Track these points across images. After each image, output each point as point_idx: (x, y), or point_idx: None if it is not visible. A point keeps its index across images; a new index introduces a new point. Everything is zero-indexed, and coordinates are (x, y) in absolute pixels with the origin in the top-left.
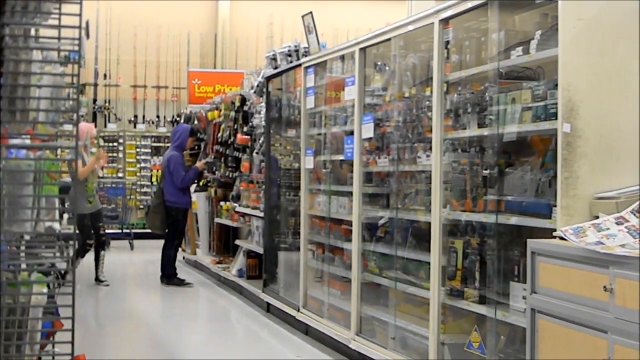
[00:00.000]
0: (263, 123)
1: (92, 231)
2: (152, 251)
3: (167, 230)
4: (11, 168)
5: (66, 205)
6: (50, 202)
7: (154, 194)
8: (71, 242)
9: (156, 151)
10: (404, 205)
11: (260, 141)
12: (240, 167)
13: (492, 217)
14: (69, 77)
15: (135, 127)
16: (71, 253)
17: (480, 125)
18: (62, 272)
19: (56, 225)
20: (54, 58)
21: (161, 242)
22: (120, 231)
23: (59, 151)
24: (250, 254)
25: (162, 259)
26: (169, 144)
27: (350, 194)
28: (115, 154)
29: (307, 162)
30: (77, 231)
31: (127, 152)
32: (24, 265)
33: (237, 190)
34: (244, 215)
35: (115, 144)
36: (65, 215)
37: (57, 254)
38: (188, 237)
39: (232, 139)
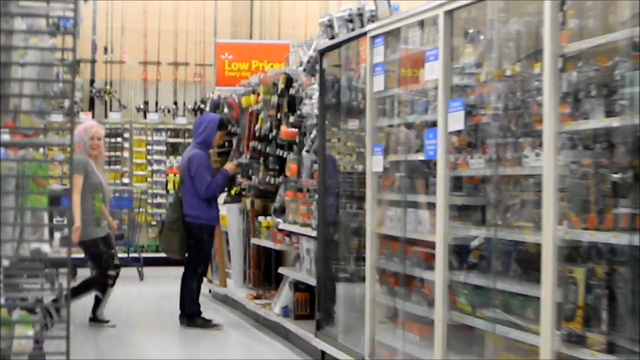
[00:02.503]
0: (316, 111)
1: (112, 259)
2: (168, 282)
3: (187, 255)
4: None
5: (56, 221)
6: (37, 217)
7: (170, 206)
8: (63, 270)
9: (173, 149)
10: (505, 221)
11: (312, 135)
12: (285, 170)
13: (624, 238)
14: (59, 52)
15: (145, 117)
16: (64, 284)
17: (608, 114)
18: (52, 309)
19: (45, 248)
20: (41, 27)
21: (180, 270)
22: (126, 255)
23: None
24: (298, 286)
25: (181, 292)
26: (190, 140)
27: (432, 205)
28: (118, 153)
29: (375, 163)
30: (92, 262)
31: (135, 151)
32: (2, 300)
33: (280, 201)
34: (290, 234)
35: (118, 139)
36: (57, 234)
37: (46, 286)
38: (215, 264)
39: (274, 132)
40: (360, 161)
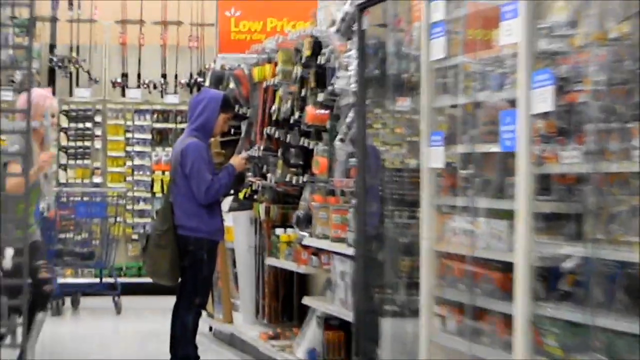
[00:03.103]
0: (353, 87)
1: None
2: (154, 317)
3: (181, 281)
4: None
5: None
6: None
7: (158, 214)
8: (17, 300)
9: (161, 138)
10: (609, 235)
11: (348, 120)
12: (311, 166)
13: None
14: (9, 7)
15: (123, 94)
16: (18, 319)
17: None
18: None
19: None
20: None
21: (171, 300)
22: (97, 281)
23: None
24: (329, 322)
25: (172, 331)
26: (184, 125)
27: (510, 214)
28: (87, 144)
29: (433, 156)
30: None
31: (110, 140)
32: None
33: (305, 207)
34: (318, 252)
35: (87, 124)
36: (8, 250)
37: None
38: (218, 293)
39: (296, 115)
40: (413, 154)
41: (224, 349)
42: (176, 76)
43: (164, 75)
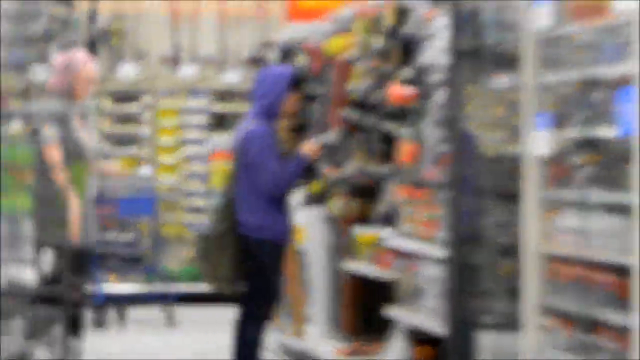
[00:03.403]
0: (444, 61)
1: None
2: (212, 330)
3: (244, 288)
4: None
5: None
6: (13, 229)
7: (216, 211)
8: (56, 312)
9: (219, 122)
10: None
11: (439, 99)
12: (395, 153)
13: None
14: None
15: (175, 72)
16: (58, 331)
17: None
18: None
19: (26, 275)
20: None
21: (232, 311)
22: (146, 288)
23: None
24: (417, 335)
25: (234, 346)
26: (246, 107)
27: (628, 209)
28: (133, 129)
29: (538, 141)
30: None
31: (159, 125)
32: None
33: (388, 202)
34: (403, 254)
35: (133, 107)
36: (48, 256)
37: (25, 330)
38: (288, 302)
39: (378, 94)
40: (515, 139)
41: None
42: (237, 50)
43: (222, 50)
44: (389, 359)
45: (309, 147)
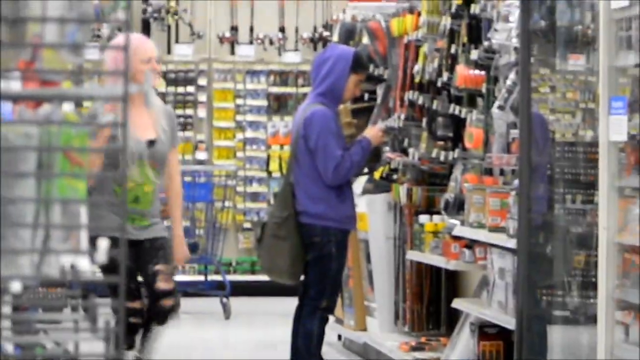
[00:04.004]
0: (514, 42)
1: (136, 283)
2: (270, 322)
3: (304, 279)
4: None
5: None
6: (70, 214)
7: (276, 198)
8: (113, 301)
9: (279, 105)
10: None
11: (509, 82)
12: (463, 138)
13: None
14: None
15: (233, 52)
16: (113, 323)
17: None
18: None
19: (83, 263)
20: None
21: (291, 303)
22: (201, 278)
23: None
24: (485, 330)
25: (293, 339)
26: (306, 89)
27: None
28: (189, 112)
29: (614, 127)
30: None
31: (217, 107)
32: (9, 349)
33: (456, 189)
34: (472, 245)
35: (189, 89)
36: (103, 242)
37: (83, 325)
38: (349, 294)
39: (445, 77)
40: (589, 124)
41: None
42: (297, 30)
43: (282, 29)
44: (455, 354)
45: (373, 132)
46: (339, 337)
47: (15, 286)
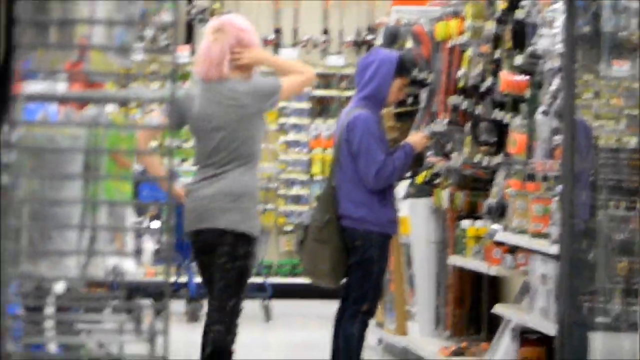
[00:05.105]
0: (559, 48)
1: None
2: (311, 325)
3: (346, 283)
4: (35, 143)
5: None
6: (116, 216)
7: (318, 201)
8: (160, 303)
9: (322, 108)
10: None
11: (553, 88)
12: (506, 143)
13: None
14: None
15: (276, 54)
16: (159, 325)
17: None
18: None
19: (128, 265)
20: None
21: (332, 306)
22: None
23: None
24: (527, 335)
25: (334, 343)
26: (350, 93)
27: None
28: None
29: None
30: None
31: None
32: (54, 348)
33: (499, 195)
34: (513, 250)
35: None
36: (148, 245)
37: (127, 326)
38: (390, 298)
39: (488, 82)
40: (633, 130)
41: None
42: (341, 33)
43: (325, 32)
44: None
45: (417, 138)
46: (380, 341)
47: (59, 287)
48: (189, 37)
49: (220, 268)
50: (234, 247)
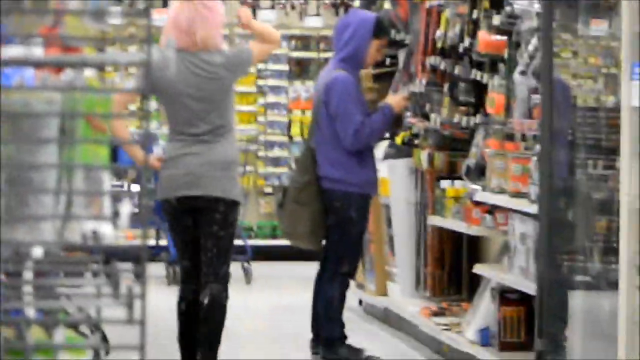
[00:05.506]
0: (537, 7)
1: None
2: (291, 287)
3: (325, 244)
4: (12, 109)
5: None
6: (92, 180)
7: (297, 163)
8: (136, 267)
9: (300, 70)
10: None
11: (531, 48)
12: (484, 103)
13: None
14: None
15: (254, 17)
16: (136, 288)
17: None
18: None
19: (105, 229)
20: None
21: (312, 267)
22: None
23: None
24: (506, 295)
25: (314, 305)
26: (328, 55)
27: None
28: None
29: (637, 92)
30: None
31: None
32: (31, 313)
33: (478, 155)
34: (492, 210)
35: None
36: (124, 209)
37: (104, 290)
38: (370, 259)
39: (466, 42)
40: (611, 89)
41: (376, 327)
42: None
43: None
44: (476, 319)
45: (396, 99)
46: (360, 302)
47: (37, 252)
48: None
49: (213, 235)
50: (226, 215)
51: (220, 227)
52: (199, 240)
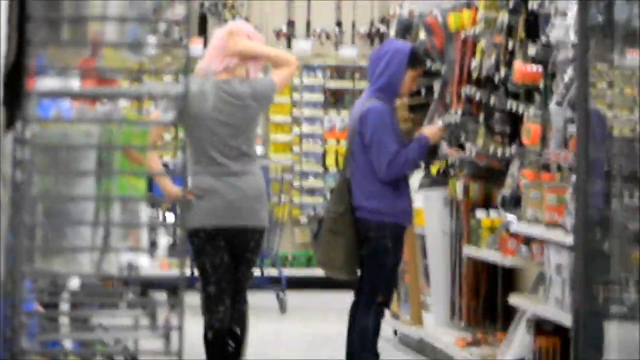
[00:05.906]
0: (572, 38)
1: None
2: (326, 317)
3: (360, 274)
4: (48, 140)
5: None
6: (129, 212)
7: (332, 193)
8: (175, 297)
9: (336, 99)
10: None
11: (567, 78)
12: (520, 134)
13: None
14: None
15: (289, 46)
16: (174, 320)
17: None
18: None
19: (142, 261)
20: None
21: (347, 297)
22: (257, 273)
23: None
24: (542, 326)
25: (349, 334)
26: (363, 84)
27: None
28: None
29: None
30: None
31: (273, 102)
32: (69, 344)
33: (513, 185)
34: (528, 241)
35: None
36: (163, 241)
37: (142, 322)
38: (405, 289)
39: (502, 72)
40: None
41: (411, 357)
42: (354, 24)
43: (339, 24)
44: (511, 350)
45: (432, 130)
46: (395, 332)
47: (74, 283)
48: (202, 30)
49: (249, 263)
50: (258, 242)
51: (253, 253)
52: (227, 265)
